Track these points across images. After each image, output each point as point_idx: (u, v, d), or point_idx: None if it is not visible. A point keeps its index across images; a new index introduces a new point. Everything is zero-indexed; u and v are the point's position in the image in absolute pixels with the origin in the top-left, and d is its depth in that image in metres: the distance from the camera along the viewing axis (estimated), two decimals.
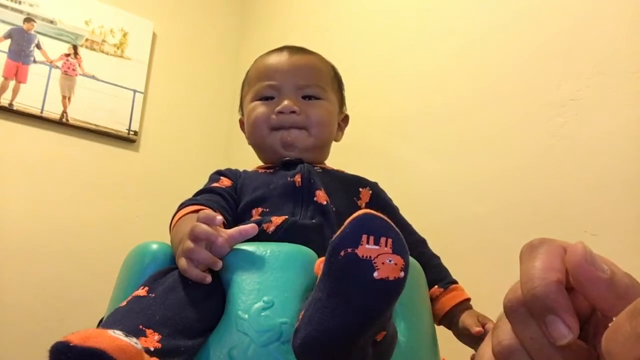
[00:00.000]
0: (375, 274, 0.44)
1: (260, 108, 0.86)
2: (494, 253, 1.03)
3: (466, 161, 1.14)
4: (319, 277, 0.50)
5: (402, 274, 0.45)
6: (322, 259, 0.59)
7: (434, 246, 0.86)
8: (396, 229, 0.46)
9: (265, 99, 0.87)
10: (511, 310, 0.27)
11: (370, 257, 0.44)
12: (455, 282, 0.82)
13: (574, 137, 0.95)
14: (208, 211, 0.64)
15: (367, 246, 0.44)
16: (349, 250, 0.45)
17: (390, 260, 0.44)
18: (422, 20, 1.35)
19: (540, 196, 0.98)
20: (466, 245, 1.08)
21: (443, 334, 0.81)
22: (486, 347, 0.29)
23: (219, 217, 0.61)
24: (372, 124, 1.01)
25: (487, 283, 1.00)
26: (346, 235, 0.45)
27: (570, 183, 0.94)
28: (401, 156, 1.30)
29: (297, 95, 0.86)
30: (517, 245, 0.99)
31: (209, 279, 0.59)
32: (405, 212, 0.88)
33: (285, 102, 0.84)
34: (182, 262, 0.60)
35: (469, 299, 0.81)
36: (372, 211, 0.46)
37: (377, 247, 0.44)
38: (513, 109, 1.07)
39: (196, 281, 0.59)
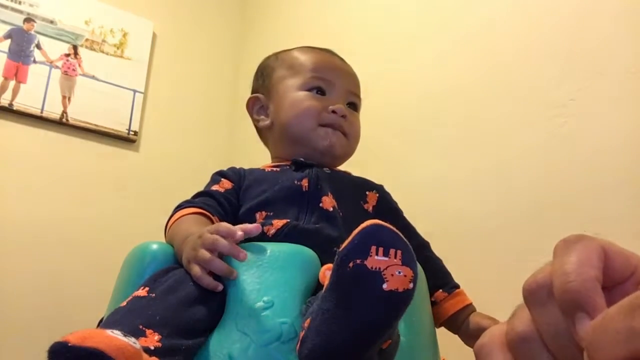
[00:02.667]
0: (385, 286, 0.44)
1: (312, 100, 0.83)
2: (494, 253, 1.03)
3: (466, 161, 1.14)
4: (325, 286, 0.49)
5: (411, 285, 0.45)
6: (327, 266, 0.59)
7: (434, 246, 0.86)
8: (405, 240, 0.46)
9: (317, 92, 0.85)
10: (530, 294, 0.26)
11: (379, 268, 0.44)
12: (458, 286, 0.82)
13: (574, 137, 0.95)
14: (229, 226, 0.62)
15: (376, 257, 0.44)
16: (358, 261, 0.44)
17: (399, 272, 0.44)
18: (422, 20, 1.35)
19: (540, 196, 0.98)
20: (466, 245, 1.08)
21: (443, 334, 0.81)
22: (496, 328, 0.29)
23: (240, 234, 0.61)
24: (373, 124, 1.01)
25: (487, 283, 1.00)
26: (355, 246, 0.45)
27: (570, 183, 0.94)
28: (401, 156, 1.30)
29: (344, 101, 0.86)
30: (517, 245, 0.99)
31: (220, 287, 0.60)
32: (405, 212, 0.88)
33: (341, 105, 0.84)
34: (196, 269, 0.60)
35: (471, 304, 0.81)
36: (381, 222, 0.46)
37: (386, 258, 0.44)
38: (513, 109, 1.07)
39: (208, 288, 0.59)
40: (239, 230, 0.62)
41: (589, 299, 0.23)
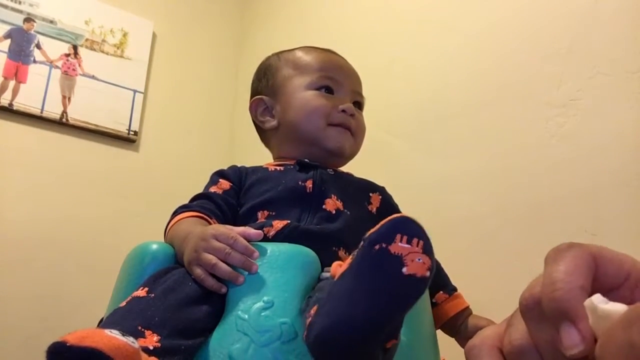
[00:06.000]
0: (405, 270, 0.46)
1: (321, 99, 0.83)
2: (493, 253, 1.03)
3: (466, 161, 1.14)
4: (340, 273, 0.51)
5: (428, 273, 0.47)
6: (338, 262, 0.59)
7: (434, 246, 0.86)
8: (427, 234, 0.49)
9: (325, 91, 0.84)
10: (527, 309, 0.26)
11: (401, 253, 0.47)
12: (456, 289, 0.83)
13: (574, 137, 0.95)
14: (246, 244, 0.62)
15: (399, 244, 0.47)
16: (383, 245, 0.47)
17: (419, 259, 0.47)
18: (422, 20, 1.35)
19: (540, 196, 0.98)
20: (466, 245, 1.08)
21: (443, 334, 0.81)
22: (487, 331, 0.29)
23: (256, 254, 0.61)
24: (372, 123, 1.01)
25: (486, 283, 1.00)
26: (382, 232, 0.48)
27: (570, 183, 0.94)
28: (401, 156, 1.30)
29: (351, 100, 0.86)
30: (516, 245, 0.99)
31: (224, 289, 0.60)
32: (405, 212, 0.88)
33: (350, 104, 0.84)
34: (198, 271, 0.61)
35: (469, 306, 0.82)
36: (408, 215, 0.50)
37: (409, 246, 0.47)
38: (513, 109, 1.07)
39: (211, 290, 0.60)
40: (242, 233, 0.63)
41: (573, 308, 0.23)
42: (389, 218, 0.49)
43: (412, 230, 0.48)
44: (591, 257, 0.26)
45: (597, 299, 0.23)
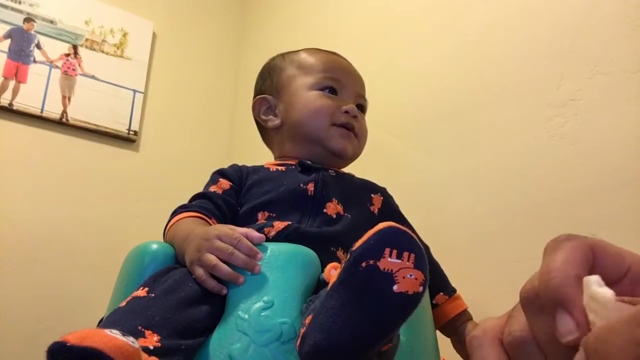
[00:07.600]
0: (395, 287, 0.45)
1: (325, 99, 0.83)
2: (493, 253, 1.03)
3: (466, 161, 1.14)
4: (331, 284, 0.50)
5: (420, 288, 0.45)
6: (333, 264, 0.59)
7: (434, 246, 0.86)
8: (419, 243, 0.47)
9: (329, 91, 0.85)
10: (527, 301, 0.26)
11: (391, 270, 0.45)
12: (456, 290, 0.83)
13: (574, 137, 0.95)
14: (250, 245, 0.62)
15: (389, 259, 0.45)
16: (371, 262, 0.45)
17: (411, 275, 0.45)
18: (422, 19, 1.35)
19: (540, 196, 0.98)
20: (466, 245, 1.08)
21: (443, 334, 0.81)
22: (488, 322, 0.29)
23: (260, 255, 0.61)
24: (372, 123, 1.01)
25: (486, 283, 1.00)
26: (369, 246, 0.46)
27: (570, 183, 0.94)
28: (401, 156, 1.30)
29: (354, 102, 0.86)
30: (517, 245, 0.99)
31: (225, 290, 0.60)
32: (405, 212, 0.88)
33: (353, 105, 0.84)
34: (200, 272, 0.60)
35: (467, 308, 0.82)
36: (397, 225, 0.47)
37: (399, 261, 0.45)
38: (513, 109, 1.07)
39: (212, 291, 0.60)
40: (245, 234, 0.63)
41: (568, 296, 0.24)
42: (376, 229, 0.46)
43: (403, 242, 0.46)
44: (589, 248, 0.26)
45: (593, 279, 0.23)
